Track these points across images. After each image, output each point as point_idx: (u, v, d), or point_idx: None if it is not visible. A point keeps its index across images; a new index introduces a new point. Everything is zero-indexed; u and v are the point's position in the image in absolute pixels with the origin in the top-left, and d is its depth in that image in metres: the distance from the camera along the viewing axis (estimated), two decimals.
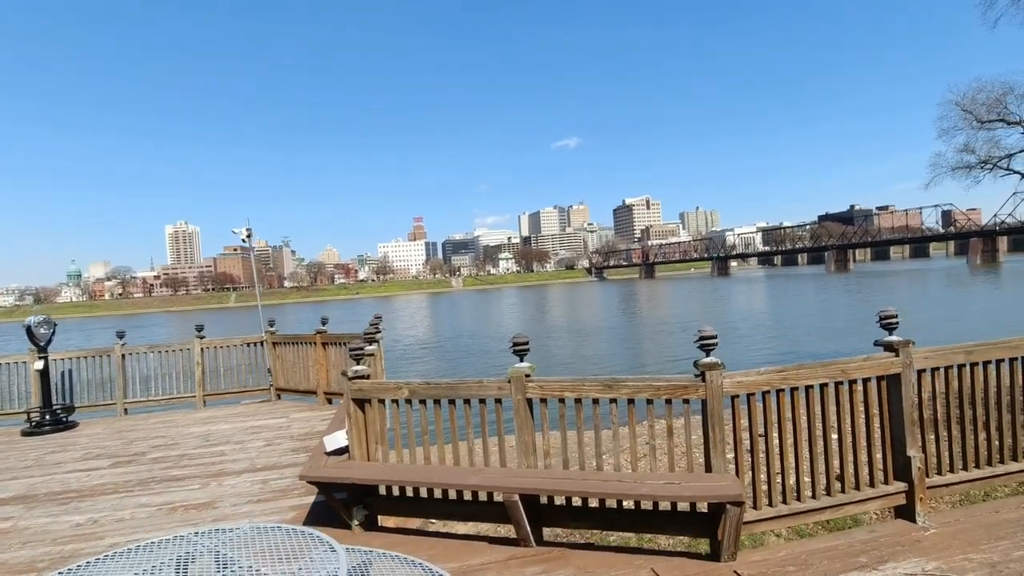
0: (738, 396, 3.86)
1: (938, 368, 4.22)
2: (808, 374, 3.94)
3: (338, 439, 4.89)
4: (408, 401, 4.59)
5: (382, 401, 4.70)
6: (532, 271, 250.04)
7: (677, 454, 4.25)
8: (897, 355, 4.11)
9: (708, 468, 3.84)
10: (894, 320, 4.15)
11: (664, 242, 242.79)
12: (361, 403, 4.70)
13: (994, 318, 34.72)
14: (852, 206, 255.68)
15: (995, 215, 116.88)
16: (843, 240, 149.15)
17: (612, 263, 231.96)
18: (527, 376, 4.21)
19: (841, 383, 4.03)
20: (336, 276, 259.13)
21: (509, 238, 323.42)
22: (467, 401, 4.41)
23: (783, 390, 3.92)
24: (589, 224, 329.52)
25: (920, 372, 4.18)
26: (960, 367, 4.26)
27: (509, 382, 4.22)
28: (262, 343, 10.65)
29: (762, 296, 75.25)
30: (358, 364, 4.81)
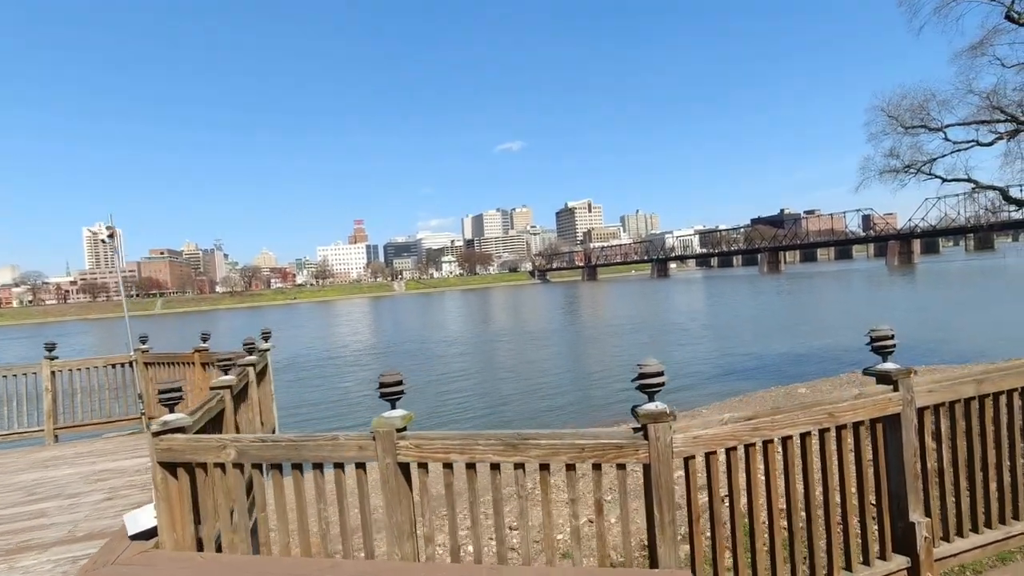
0: (694, 456, 2.74)
1: (943, 404, 3.25)
2: (785, 420, 2.86)
3: (143, 518, 3.48)
4: (239, 466, 3.25)
5: (204, 466, 3.32)
6: (475, 274, 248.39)
7: (612, 539, 3.08)
8: (896, 389, 3.10)
9: (653, 561, 2.69)
10: (890, 343, 3.14)
11: (606, 245, 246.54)
12: (174, 468, 3.31)
13: (921, 317, 36.12)
14: (782, 210, 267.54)
15: (910, 219, 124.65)
16: (774, 242, 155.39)
17: (555, 265, 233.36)
18: (399, 431, 2.95)
19: (827, 430, 2.98)
20: (273, 280, 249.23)
21: (452, 241, 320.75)
22: (318, 466, 3.11)
23: (753, 444, 2.83)
24: (532, 227, 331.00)
25: (922, 410, 3.19)
26: (968, 401, 3.31)
27: (373, 439, 2.95)
28: (131, 363, 8.91)
29: (704, 297, 76.83)
30: (172, 411, 3.42)
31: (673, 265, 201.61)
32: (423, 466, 2.98)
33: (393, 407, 3.04)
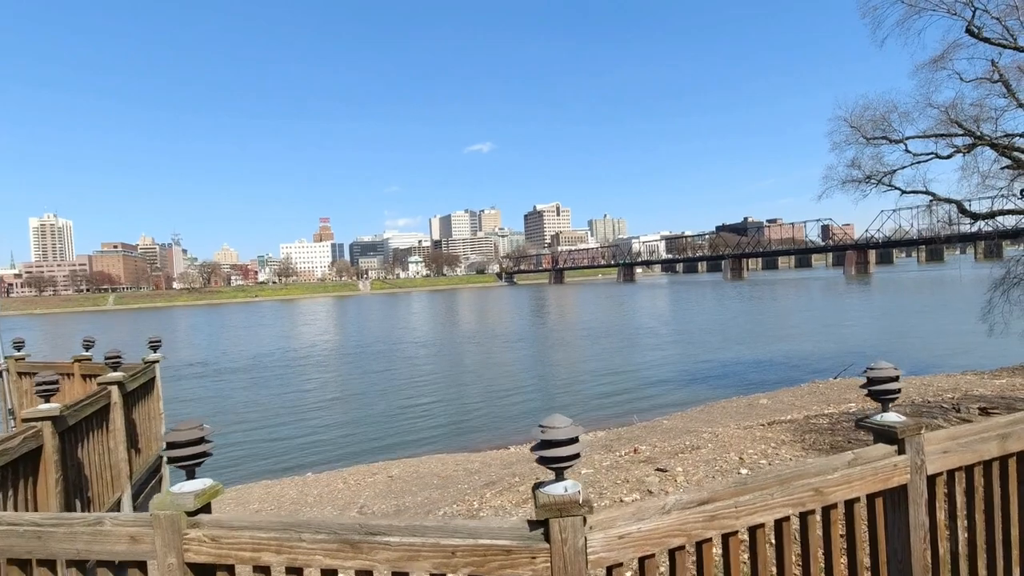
0: (620, 565, 1.84)
1: (959, 468, 2.43)
2: (755, 503, 1.99)
3: None
4: None
5: None
6: (442, 275, 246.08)
7: None
8: (901, 451, 2.26)
9: None
10: (894, 388, 2.30)
11: (573, 248, 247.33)
12: None
13: (884, 325, 36.52)
14: (746, 218, 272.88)
15: (867, 230, 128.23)
16: (738, 250, 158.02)
17: (522, 268, 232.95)
18: (192, 514, 1.97)
19: (811, 512, 2.12)
20: (233, 278, 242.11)
21: (420, 241, 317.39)
22: (78, 564, 2.10)
23: (708, 540, 1.94)
24: (500, 229, 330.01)
25: (934, 477, 2.36)
26: (988, 465, 2.50)
27: (152, 527, 1.96)
28: (1, 373, 7.63)
29: (670, 302, 77.19)
30: None
31: (639, 270, 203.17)
32: (227, 569, 2.01)
33: (191, 477, 2.06)
